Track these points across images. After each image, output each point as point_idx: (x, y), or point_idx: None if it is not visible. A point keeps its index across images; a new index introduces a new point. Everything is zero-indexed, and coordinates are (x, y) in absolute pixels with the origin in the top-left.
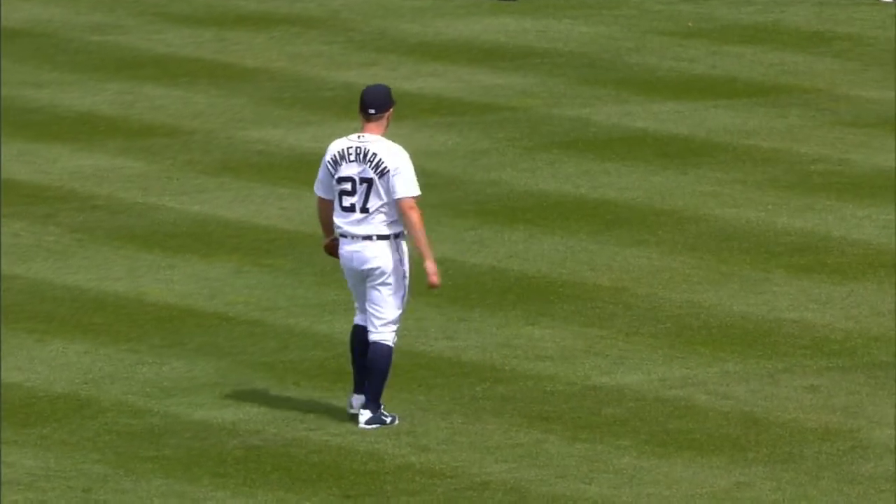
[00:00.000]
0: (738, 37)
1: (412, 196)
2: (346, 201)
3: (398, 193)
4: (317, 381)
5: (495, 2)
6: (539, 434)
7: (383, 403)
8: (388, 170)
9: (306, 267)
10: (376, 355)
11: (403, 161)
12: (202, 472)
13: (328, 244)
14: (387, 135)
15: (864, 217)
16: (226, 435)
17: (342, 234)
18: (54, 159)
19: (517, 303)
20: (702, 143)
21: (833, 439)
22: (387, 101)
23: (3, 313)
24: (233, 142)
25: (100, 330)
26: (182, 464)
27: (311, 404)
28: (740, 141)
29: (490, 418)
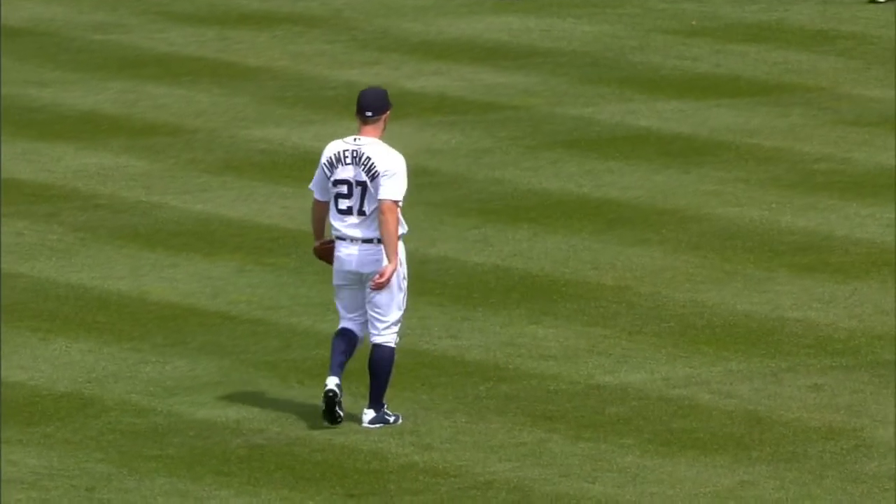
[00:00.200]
0: (741, 35)
1: (393, 200)
2: (343, 204)
3: (380, 195)
4: (319, 379)
5: (498, 0)
6: (542, 433)
7: (386, 403)
8: (378, 173)
9: (309, 266)
10: (381, 358)
11: (397, 166)
12: (205, 470)
13: (319, 247)
14: (385, 136)
15: (867, 216)
16: (229, 434)
17: (340, 236)
18: (57, 158)
19: (520, 302)
20: (705, 141)
21: (837, 438)
22: (384, 103)
23: (7, 312)
24: (235, 141)
25: (103, 329)
26: (185, 462)
27: (314, 403)
28: (743, 140)
29: (493, 417)
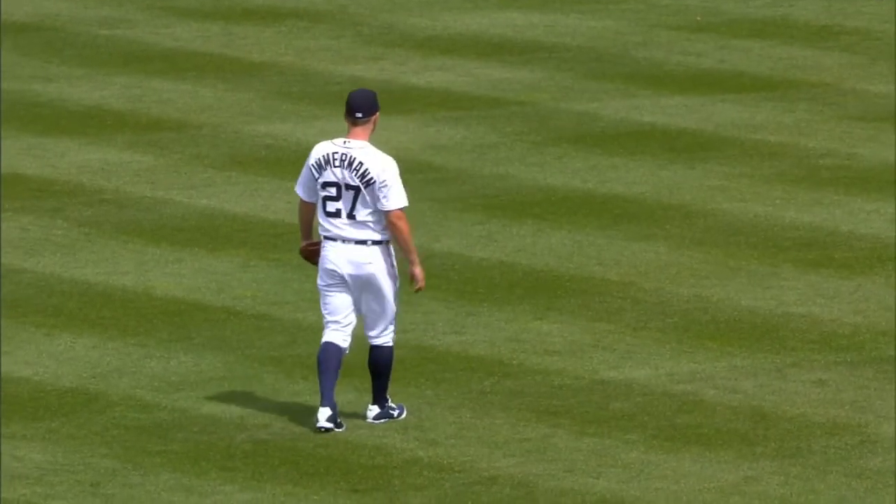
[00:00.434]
0: (746, 31)
1: (401, 208)
2: (331, 206)
3: (387, 206)
4: None
5: None
6: (547, 428)
7: (390, 397)
8: (374, 181)
9: None
10: (381, 359)
11: (390, 171)
12: (210, 466)
13: (305, 248)
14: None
15: (871, 211)
16: (234, 429)
17: (330, 237)
18: (62, 153)
19: (525, 297)
20: (709, 137)
21: (841, 434)
22: (373, 105)
23: (12, 307)
24: (240, 136)
25: (107, 324)
26: (190, 458)
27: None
28: (748, 135)
29: (498, 413)
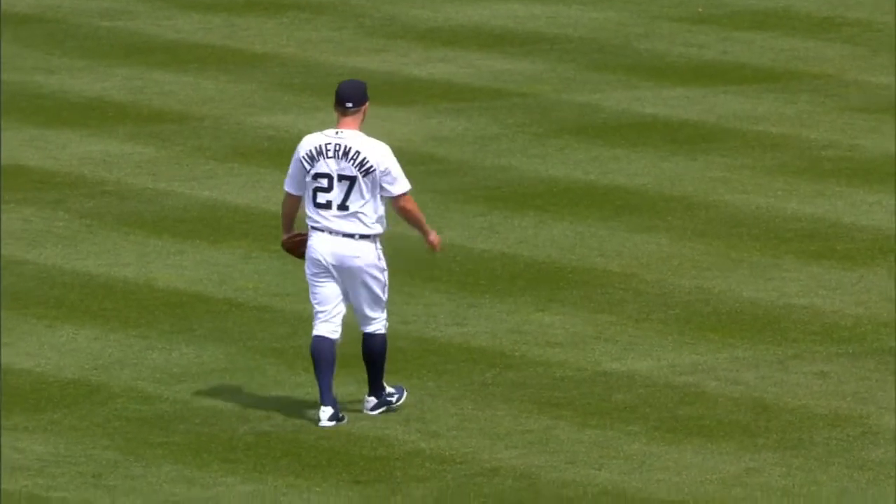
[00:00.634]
0: (747, 23)
1: (406, 191)
2: (322, 198)
3: (394, 192)
4: None
5: None
6: (549, 420)
7: (386, 385)
8: (373, 169)
9: None
10: (374, 346)
11: (389, 158)
12: (212, 457)
13: (288, 240)
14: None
15: (874, 203)
16: (235, 420)
17: (318, 228)
18: (64, 145)
19: (527, 289)
20: (711, 128)
21: (843, 425)
22: (363, 95)
23: (14, 299)
24: (242, 128)
25: (109, 315)
26: (192, 449)
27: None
28: (750, 127)
29: (500, 404)
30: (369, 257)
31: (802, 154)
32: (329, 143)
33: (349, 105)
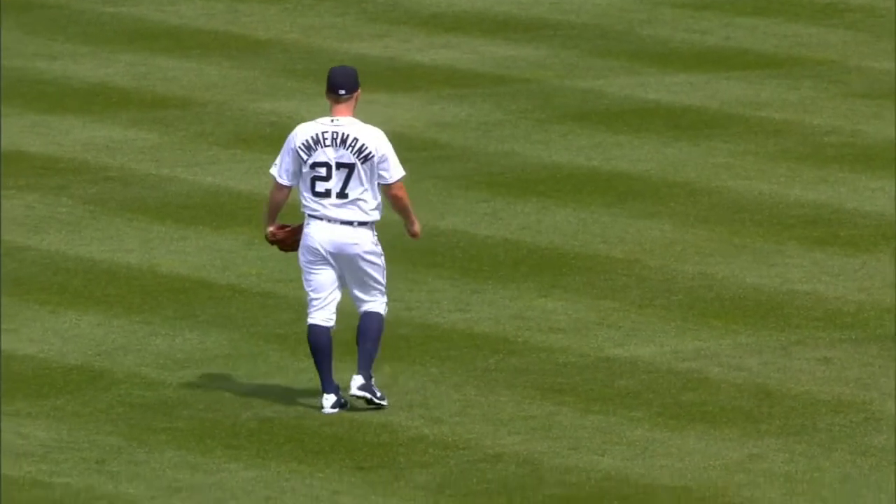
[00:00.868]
0: (750, 8)
1: (401, 177)
2: (320, 186)
3: (389, 179)
4: None
5: None
6: (552, 406)
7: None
8: (372, 155)
9: None
10: (371, 323)
11: (386, 144)
12: (215, 443)
13: (274, 232)
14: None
15: (876, 189)
16: (239, 406)
17: (316, 216)
18: (67, 131)
19: (530, 275)
20: (714, 114)
21: (846, 411)
22: (355, 82)
23: (17, 285)
24: (245, 113)
25: (112, 301)
26: (195, 435)
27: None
28: (753, 113)
29: (503, 390)
30: (367, 244)
31: (805, 140)
32: (326, 132)
33: (342, 92)
